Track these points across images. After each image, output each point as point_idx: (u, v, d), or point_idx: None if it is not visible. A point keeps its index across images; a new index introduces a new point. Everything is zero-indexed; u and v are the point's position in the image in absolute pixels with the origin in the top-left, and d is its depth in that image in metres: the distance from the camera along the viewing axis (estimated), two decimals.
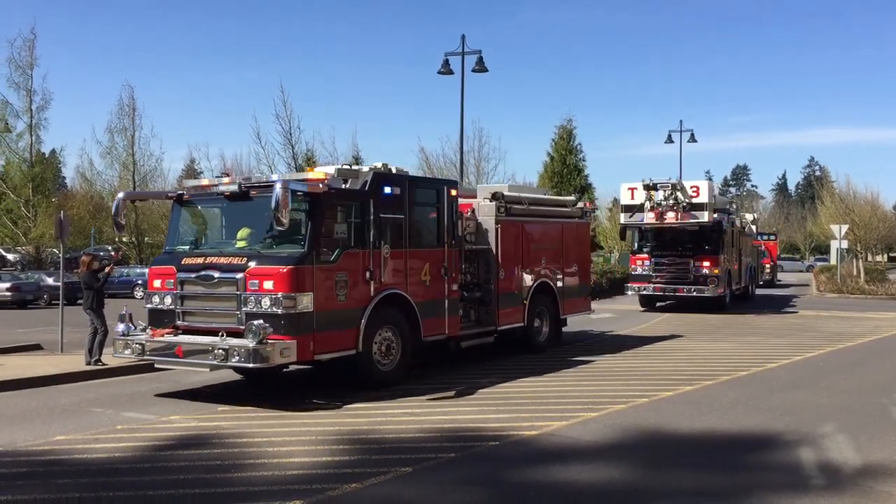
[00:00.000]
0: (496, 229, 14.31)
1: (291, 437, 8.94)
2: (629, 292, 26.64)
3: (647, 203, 24.20)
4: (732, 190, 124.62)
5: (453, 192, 13.14)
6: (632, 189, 25.09)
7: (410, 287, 12.12)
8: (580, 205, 17.54)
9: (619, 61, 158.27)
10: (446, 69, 26.90)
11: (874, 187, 73.78)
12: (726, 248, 25.91)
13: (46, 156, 46.21)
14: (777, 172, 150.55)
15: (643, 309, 26.05)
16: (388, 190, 11.82)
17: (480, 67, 26.68)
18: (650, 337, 18.62)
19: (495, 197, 14.53)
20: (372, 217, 11.50)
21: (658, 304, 26.66)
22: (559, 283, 16.10)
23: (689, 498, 6.92)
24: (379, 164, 12.08)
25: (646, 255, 25.95)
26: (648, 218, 24.44)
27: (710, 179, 26.39)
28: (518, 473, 7.62)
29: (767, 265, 40.56)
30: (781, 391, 11.72)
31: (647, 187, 24.32)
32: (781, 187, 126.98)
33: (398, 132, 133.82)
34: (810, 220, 73.31)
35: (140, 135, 47.51)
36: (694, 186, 24.24)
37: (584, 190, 44.30)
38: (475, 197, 15.07)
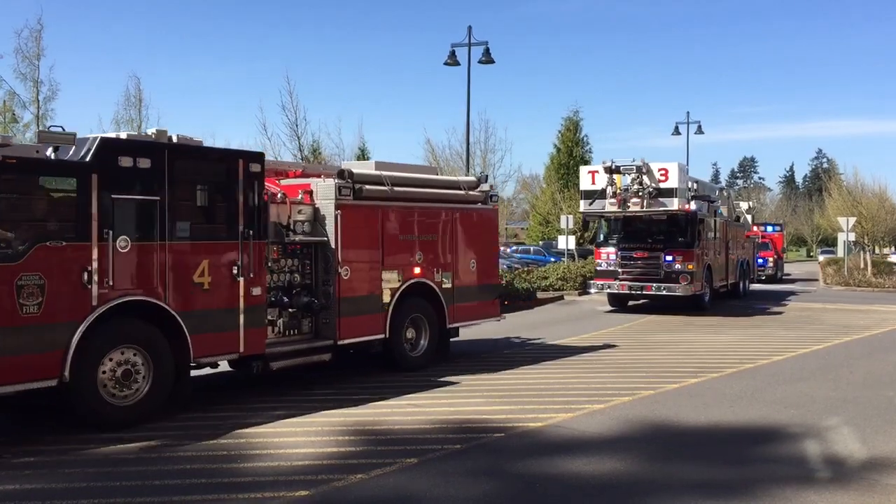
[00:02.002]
0: (336, 216, 11.27)
1: (296, 429, 8.98)
2: (592, 290, 23.52)
3: (610, 188, 21.19)
4: (739, 182, 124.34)
5: (255, 168, 10.10)
6: (593, 172, 22.15)
7: (173, 292, 9.19)
8: (484, 187, 14.30)
9: (626, 52, 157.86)
10: (452, 60, 26.85)
11: (882, 180, 74.01)
12: (706, 239, 23.10)
13: None
14: (784, 164, 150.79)
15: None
16: (126, 162, 8.79)
17: (487, 59, 26.63)
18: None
19: (340, 175, 11.67)
20: (96, 198, 8.57)
21: (631, 302, 23.90)
22: (446, 284, 13.13)
23: (694, 490, 6.93)
24: (151, 131, 9.54)
25: (612, 249, 22.89)
26: (610, 205, 21.36)
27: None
28: (523, 465, 7.64)
29: (770, 258, 38.69)
30: (787, 384, 11.71)
31: (610, 170, 21.31)
32: (789, 179, 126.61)
33: (405, 124, 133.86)
34: (818, 212, 73.13)
35: (147, 126, 47.61)
36: (662, 169, 20.99)
37: None
38: (320, 176, 12.05)
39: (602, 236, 23.67)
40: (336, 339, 11.31)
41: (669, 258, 21.90)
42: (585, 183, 22.27)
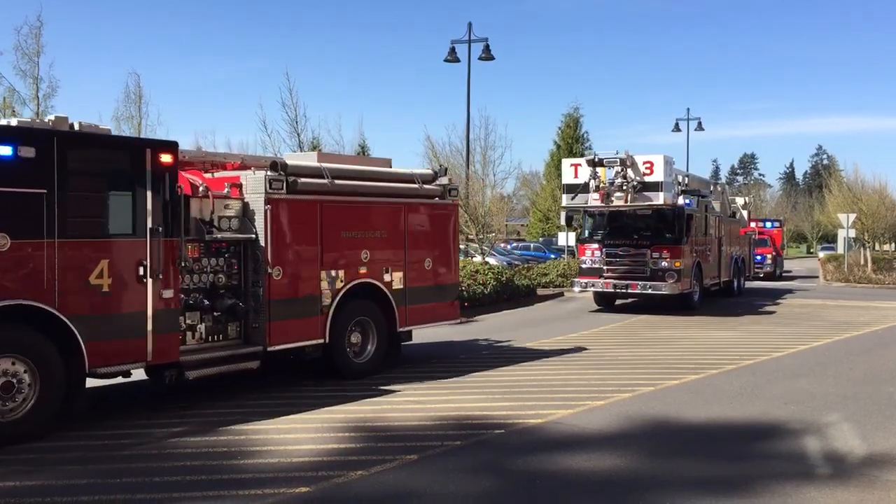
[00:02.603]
0: (266, 211, 10.41)
1: (297, 425, 8.99)
2: (576, 288, 22.53)
3: (593, 182, 20.26)
4: (739, 179, 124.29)
5: (166, 158, 9.17)
6: (575, 166, 21.15)
7: (65, 295, 8.31)
8: (443, 181, 13.34)
9: (626, 49, 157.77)
10: (452, 57, 26.87)
11: (882, 176, 73.85)
12: (695, 235, 22.15)
13: None
14: (785, 161, 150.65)
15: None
16: (4, 151, 8.00)
17: (487, 55, 26.64)
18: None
19: (272, 168, 10.75)
20: None
21: (619, 301, 22.87)
22: (397, 285, 12.26)
23: (694, 486, 6.93)
24: (51, 118, 8.81)
25: (596, 245, 21.90)
26: (593, 200, 20.48)
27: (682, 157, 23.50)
28: (523, 461, 7.64)
29: (769, 255, 37.72)
30: (787, 380, 11.71)
31: (593, 163, 20.39)
32: (789, 176, 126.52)
33: (405, 121, 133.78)
34: (818, 208, 73.08)
35: (147, 122, 47.52)
36: (647, 162, 20.05)
37: None
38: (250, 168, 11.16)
39: (587, 232, 22.72)
40: (266, 344, 10.41)
41: (656, 255, 20.99)
42: (568, 176, 21.36)
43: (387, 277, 12.13)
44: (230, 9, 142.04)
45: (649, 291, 20.97)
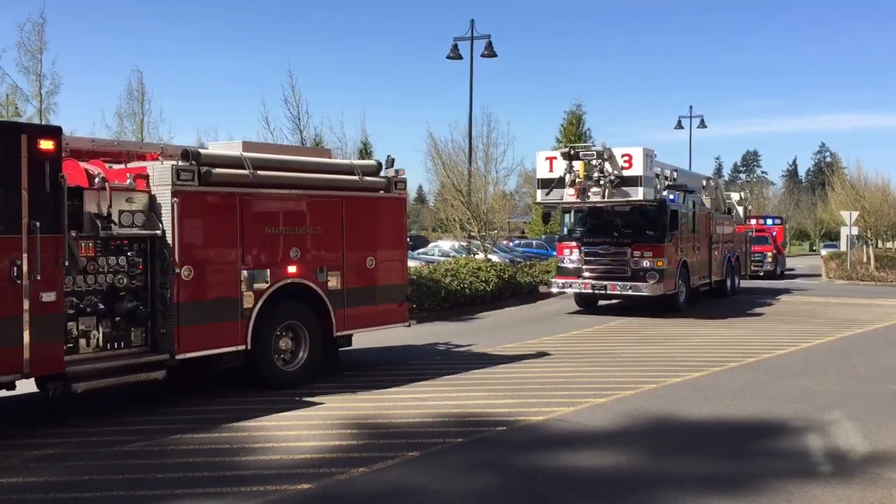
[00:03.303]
0: (173, 205, 9.38)
1: (300, 422, 8.99)
2: (553, 289, 21.35)
3: (568, 176, 19.02)
4: (742, 176, 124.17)
5: (46, 145, 8.18)
6: (550, 159, 19.87)
7: None
8: (389, 172, 12.34)
9: (628, 47, 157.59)
10: (455, 54, 26.85)
11: (885, 174, 73.47)
12: (682, 233, 20.96)
13: None
14: (787, 158, 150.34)
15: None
16: None
17: (490, 52, 26.61)
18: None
19: (183, 157, 9.78)
20: None
21: (602, 302, 21.68)
22: (334, 285, 11.23)
23: (696, 484, 6.93)
24: None
25: (574, 243, 20.71)
26: (568, 195, 19.23)
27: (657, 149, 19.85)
28: (525, 459, 7.65)
29: (769, 253, 36.62)
30: (790, 377, 11.70)
31: (568, 156, 19.22)
32: (792, 173, 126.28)
33: (407, 118, 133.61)
34: (820, 206, 72.99)
35: (149, 119, 47.51)
36: (626, 155, 18.80)
37: None
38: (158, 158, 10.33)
39: (565, 230, 21.67)
40: (174, 352, 9.40)
41: (637, 254, 19.83)
42: (542, 170, 20.07)
43: (322, 277, 11.08)
44: (233, 6, 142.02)
45: (629, 293, 19.83)
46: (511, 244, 43.27)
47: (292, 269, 10.74)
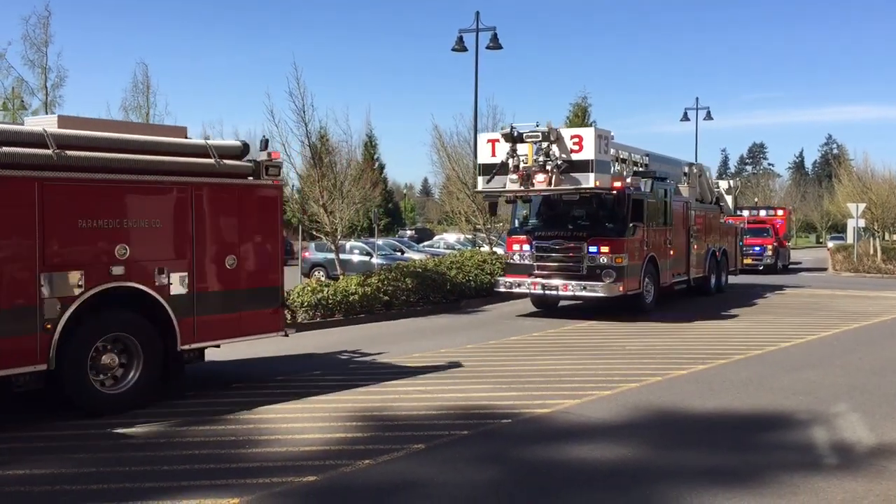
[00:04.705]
0: None
1: (305, 414, 9.01)
2: (500, 288, 18.70)
3: (511, 161, 16.90)
4: (749, 168, 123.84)
5: None
6: (492, 141, 17.58)
7: None
8: (261, 156, 10.66)
9: (635, 39, 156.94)
10: (460, 46, 26.77)
11: (892, 165, 73.24)
12: (649, 225, 18.56)
13: None
14: (794, 150, 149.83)
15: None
16: None
17: (495, 44, 26.53)
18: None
19: None
20: None
21: (564, 303, 19.21)
22: (178, 289, 9.48)
23: (701, 477, 6.92)
24: None
25: (525, 237, 18.43)
26: (511, 183, 17.04)
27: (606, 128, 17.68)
28: (530, 451, 7.65)
29: (769, 246, 34.35)
30: (795, 370, 11.68)
31: (511, 138, 16.89)
32: (798, 165, 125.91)
33: (412, 110, 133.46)
34: (827, 198, 72.73)
35: (154, 112, 47.61)
36: (575, 136, 16.66)
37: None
38: None
39: (516, 222, 19.45)
40: None
41: (593, 249, 17.50)
42: (484, 155, 17.85)
43: (162, 280, 9.33)
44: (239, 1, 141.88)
45: (583, 293, 17.49)
46: None
47: (118, 270, 8.94)
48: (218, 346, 10.43)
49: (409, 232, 60.36)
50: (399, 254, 31.19)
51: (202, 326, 9.78)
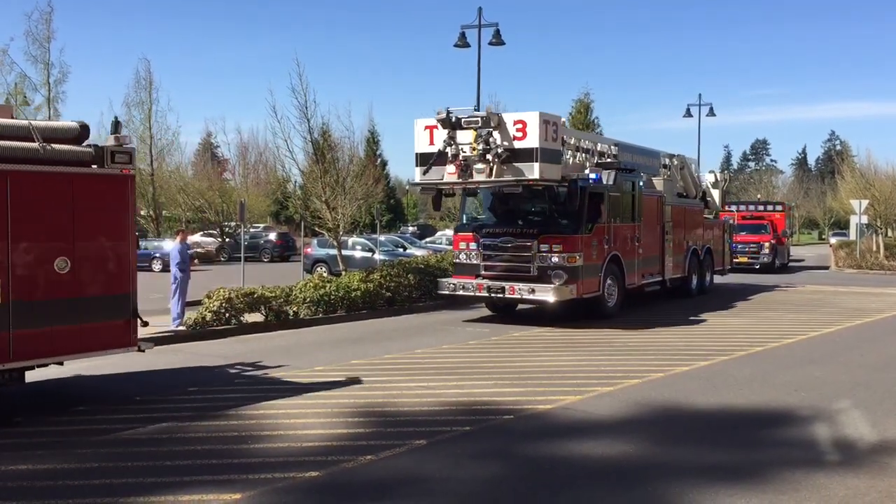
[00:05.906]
0: None
1: (307, 410, 9.01)
2: (443, 290, 17.08)
3: (450, 150, 15.39)
4: (751, 164, 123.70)
5: None
6: (430, 128, 15.87)
7: None
8: (109, 141, 9.37)
9: (638, 35, 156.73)
10: (462, 42, 26.70)
11: (895, 162, 73.01)
12: (613, 221, 17.00)
13: None
14: (797, 147, 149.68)
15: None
16: None
17: (497, 40, 26.45)
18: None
19: None
20: None
21: (523, 306, 17.56)
22: None
23: (703, 473, 6.92)
24: None
25: (471, 234, 16.91)
26: (449, 173, 15.53)
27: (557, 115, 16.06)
28: (532, 447, 7.65)
29: (766, 243, 32.39)
30: (797, 367, 11.67)
31: (448, 123, 15.33)
32: (801, 162, 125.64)
33: (415, 107, 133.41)
34: (830, 194, 72.63)
35: (157, 108, 47.74)
36: (518, 122, 14.99)
37: None
38: None
39: (464, 218, 18.05)
40: None
41: (544, 248, 15.91)
42: (422, 144, 16.13)
43: None
44: None
45: (531, 297, 15.77)
46: None
47: None
48: (61, 364, 9.32)
49: (411, 228, 60.36)
50: (401, 250, 31.19)
51: (21, 343, 8.34)
